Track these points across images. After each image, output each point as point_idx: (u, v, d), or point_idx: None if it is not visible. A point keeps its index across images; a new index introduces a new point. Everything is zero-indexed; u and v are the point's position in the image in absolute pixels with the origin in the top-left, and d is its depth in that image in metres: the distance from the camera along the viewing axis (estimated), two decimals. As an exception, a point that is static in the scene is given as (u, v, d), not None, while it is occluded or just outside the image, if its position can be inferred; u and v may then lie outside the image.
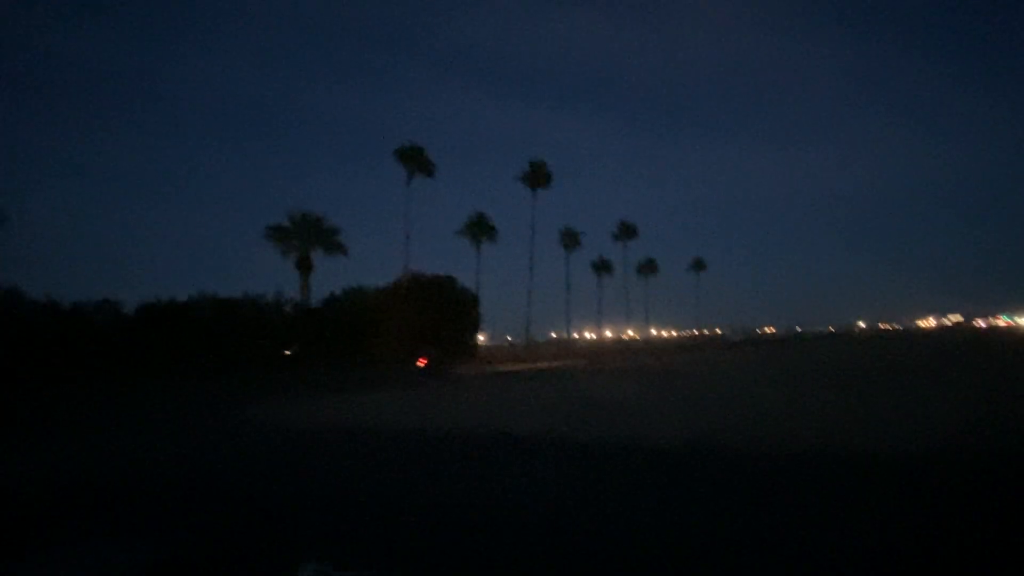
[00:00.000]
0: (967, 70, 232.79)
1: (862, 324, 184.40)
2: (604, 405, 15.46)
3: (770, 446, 9.02)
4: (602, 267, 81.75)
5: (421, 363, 38.77)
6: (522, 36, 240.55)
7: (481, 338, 58.47)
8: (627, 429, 11.07)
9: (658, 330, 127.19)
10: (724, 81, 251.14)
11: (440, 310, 45.79)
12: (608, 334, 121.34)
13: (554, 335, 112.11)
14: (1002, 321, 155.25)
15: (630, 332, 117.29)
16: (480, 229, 55.42)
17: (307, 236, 42.14)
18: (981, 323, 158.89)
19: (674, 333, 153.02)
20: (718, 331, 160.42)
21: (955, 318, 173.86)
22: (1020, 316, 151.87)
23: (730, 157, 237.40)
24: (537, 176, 63.20)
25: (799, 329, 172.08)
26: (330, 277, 56.48)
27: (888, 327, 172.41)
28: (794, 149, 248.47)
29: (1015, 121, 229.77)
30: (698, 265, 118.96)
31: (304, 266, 42.14)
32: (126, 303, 34.24)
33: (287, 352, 38.25)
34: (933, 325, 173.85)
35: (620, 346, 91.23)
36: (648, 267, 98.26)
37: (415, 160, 48.52)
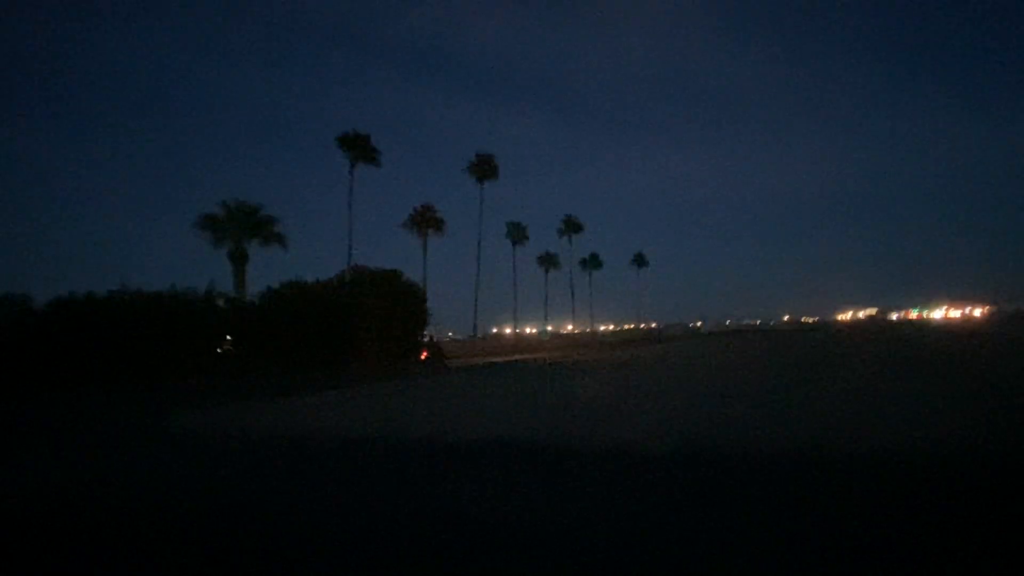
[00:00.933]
0: (886, 79, 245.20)
1: (786, 318, 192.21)
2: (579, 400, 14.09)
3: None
4: (548, 261, 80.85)
5: (423, 356, 38.78)
6: (466, 33, 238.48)
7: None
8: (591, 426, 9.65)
9: (596, 325, 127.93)
10: (662, 84, 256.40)
11: (386, 305, 43.60)
12: (549, 328, 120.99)
13: (495, 330, 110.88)
14: (913, 314, 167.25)
15: (570, 327, 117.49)
16: (427, 221, 53.30)
17: (242, 226, 39.19)
18: (895, 316, 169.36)
19: (611, 327, 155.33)
20: (653, 325, 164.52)
21: (870, 312, 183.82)
22: (928, 310, 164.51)
23: (669, 157, 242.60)
24: (484, 168, 61.56)
25: (727, 323, 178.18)
26: (268, 270, 53.17)
27: (810, 320, 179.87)
28: (728, 150, 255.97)
29: (927, 128, 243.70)
30: (639, 260, 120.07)
31: (238, 258, 39.18)
32: (36, 298, 30.70)
33: (219, 350, 35.34)
34: (850, 318, 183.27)
35: (565, 341, 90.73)
36: (592, 262, 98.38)
37: (359, 147, 45.98)
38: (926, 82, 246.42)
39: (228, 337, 35.95)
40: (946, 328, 57.76)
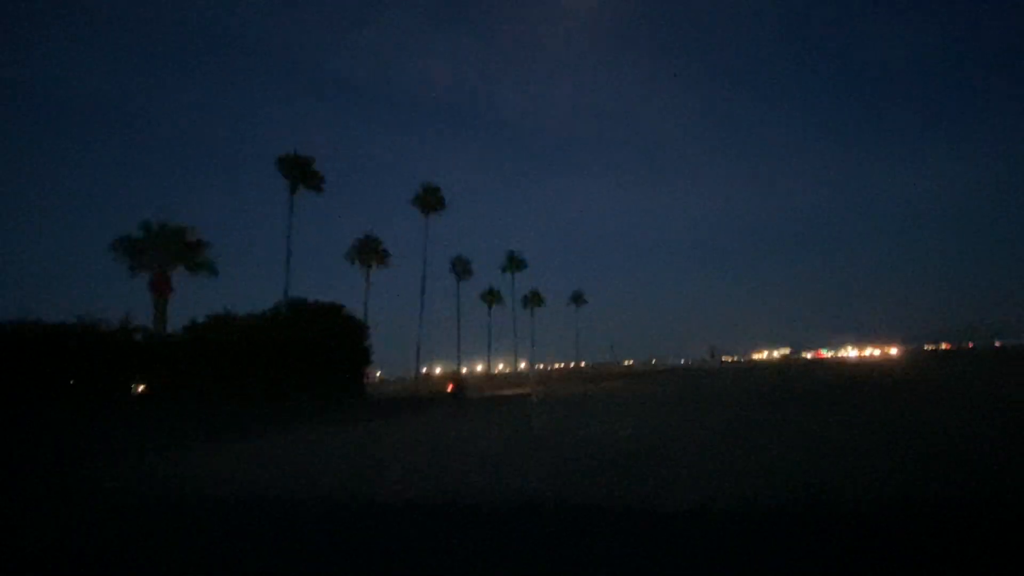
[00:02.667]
0: (804, 121, 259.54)
1: (708, 357, 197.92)
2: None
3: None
4: (492, 298, 78.54)
5: (450, 388, 40.80)
6: (404, 73, 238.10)
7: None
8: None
9: (528, 363, 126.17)
10: (596, 126, 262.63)
11: (325, 341, 40.13)
12: (479, 368, 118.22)
13: (424, 370, 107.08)
14: (822, 353, 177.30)
15: (500, 366, 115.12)
16: (371, 253, 50.19)
17: (165, 250, 35.16)
18: (808, 355, 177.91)
19: (541, 366, 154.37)
20: (582, 364, 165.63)
21: (783, 351, 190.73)
22: (836, 349, 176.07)
23: (605, 197, 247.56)
24: (430, 200, 59.21)
25: (654, 362, 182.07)
26: (197, 302, 48.31)
27: (729, 359, 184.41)
28: (656, 195, 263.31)
29: (837, 178, 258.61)
30: (577, 298, 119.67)
31: (160, 287, 35.05)
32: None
33: (140, 389, 31.11)
34: (765, 357, 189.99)
35: (496, 380, 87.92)
36: (533, 299, 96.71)
37: (300, 171, 42.83)
38: (837, 131, 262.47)
39: (137, 382, 31.76)
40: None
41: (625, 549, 5.40)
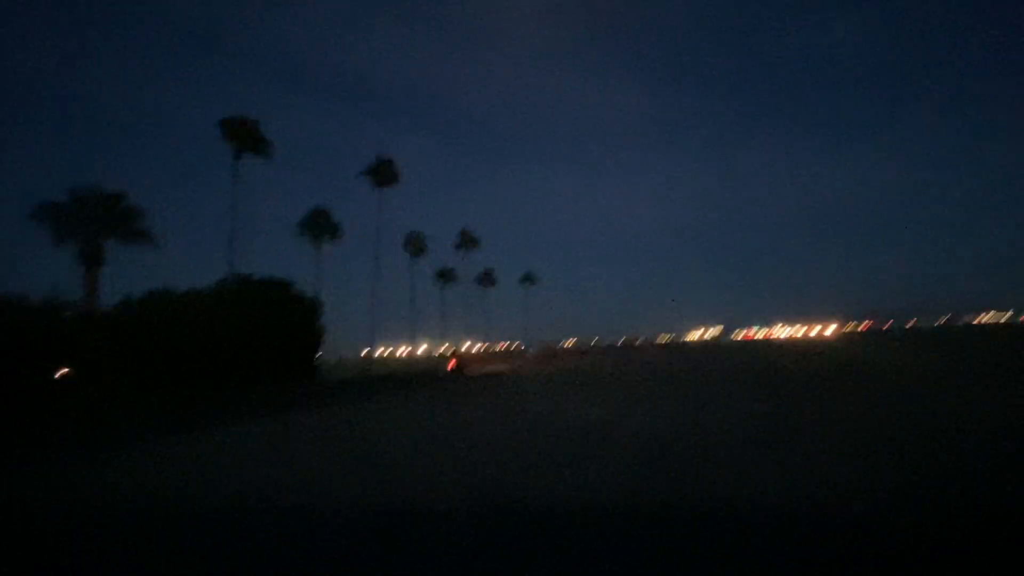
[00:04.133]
0: (741, 113, 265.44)
1: (640, 336, 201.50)
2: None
3: None
4: (445, 277, 76.57)
5: (451, 366, 42.31)
6: (347, 49, 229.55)
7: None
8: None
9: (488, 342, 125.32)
10: (548, 112, 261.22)
11: (273, 320, 37.58)
12: (422, 348, 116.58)
13: (364, 351, 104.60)
14: (754, 332, 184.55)
15: (445, 345, 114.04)
16: (321, 227, 47.45)
17: (95, 219, 31.89)
18: (743, 334, 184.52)
19: (480, 347, 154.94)
20: (522, 346, 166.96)
21: (716, 330, 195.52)
22: (768, 328, 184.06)
23: (551, 181, 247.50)
24: (384, 172, 56.65)
25: (594, 341, 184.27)
26: (134, 278, 44.47)
27: (666, 338, 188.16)
28: (599, 180, 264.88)
29: (771, 165, 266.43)
30: (528, 278, 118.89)
31: (91, 259, 31.83)
32: None
33: (58, 375, 28.14)
34: (698, 336, 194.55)
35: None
36: (487, 278, 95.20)
37: (245, 135, 39.74)
38: (784, 123, 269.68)
39: (61, 367, 28.69)
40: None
41: None
